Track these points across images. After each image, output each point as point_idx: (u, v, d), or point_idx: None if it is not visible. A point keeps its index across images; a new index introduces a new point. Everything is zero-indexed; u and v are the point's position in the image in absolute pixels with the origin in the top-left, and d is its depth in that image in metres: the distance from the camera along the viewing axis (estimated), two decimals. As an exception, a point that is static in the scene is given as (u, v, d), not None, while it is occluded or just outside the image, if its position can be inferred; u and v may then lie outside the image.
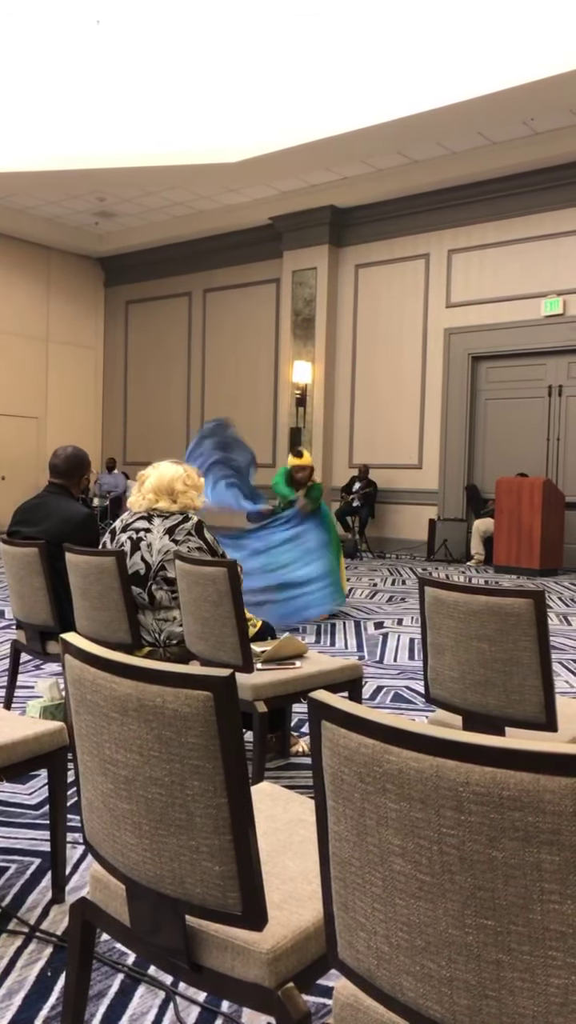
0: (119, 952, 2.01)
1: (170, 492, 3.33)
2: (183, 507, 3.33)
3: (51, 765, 2.26)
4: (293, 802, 1.79)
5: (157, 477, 3.35)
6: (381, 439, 12.69)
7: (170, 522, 3.30)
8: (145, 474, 3.42)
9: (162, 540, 3.26)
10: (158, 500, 3.32)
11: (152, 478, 3.36)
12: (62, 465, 3.80)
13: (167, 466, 3.40)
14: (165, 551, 3.24)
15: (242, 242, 13.92)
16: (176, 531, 3.28)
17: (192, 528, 3.29)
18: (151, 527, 3.30)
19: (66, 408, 15.53)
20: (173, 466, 3.40)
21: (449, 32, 8.57)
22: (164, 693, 1.19)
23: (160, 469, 3.38)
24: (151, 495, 3.33)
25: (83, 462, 3.86)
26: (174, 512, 3.32)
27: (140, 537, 3.29)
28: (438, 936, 0.91)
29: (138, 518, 3.34)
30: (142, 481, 3.40)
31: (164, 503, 3.32)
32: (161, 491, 3.32)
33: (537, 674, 2.26)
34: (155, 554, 3.25)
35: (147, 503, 3.33)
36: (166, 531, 3.28)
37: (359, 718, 0.96)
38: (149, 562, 3.25)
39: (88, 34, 9.84)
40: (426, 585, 2.48)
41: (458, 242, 11.85)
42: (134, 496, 3.40)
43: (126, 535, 3.32)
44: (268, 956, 1.26)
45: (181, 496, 3.33)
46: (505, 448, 11.70)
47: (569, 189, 10.76)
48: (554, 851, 0.81)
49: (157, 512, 3.32)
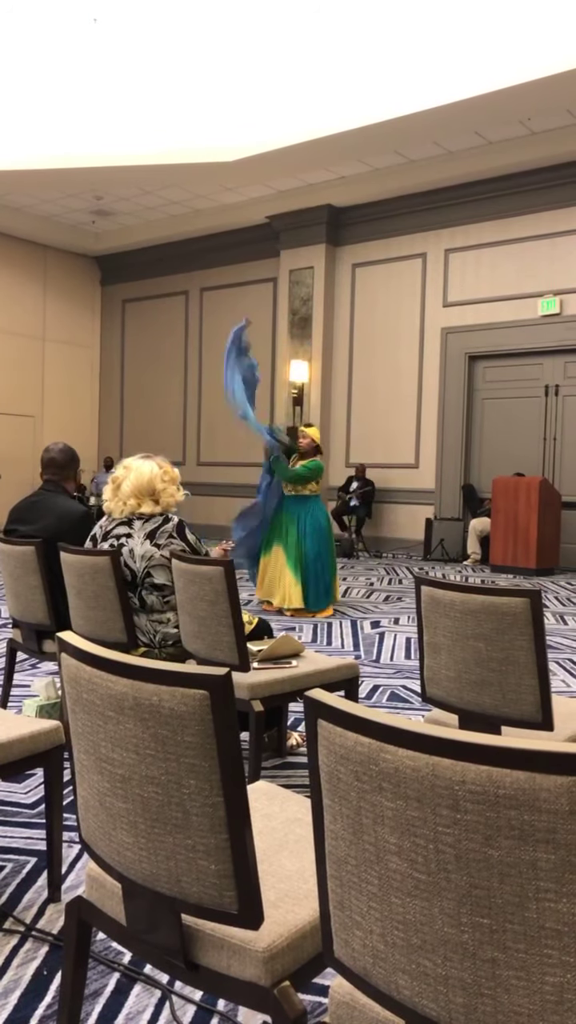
0: (115, 951, 2.01)
1: (151, 492, 3.17)
2: (165, 507, 3.19)
3: (47, 764, 2.26)
4: (289, 801, 1.79)
5: (135, 478, 3.16)
6: (378, 438, 12.70)
7: (150, 525, 3.17)
8: (118, 476, 3.22)
9: (143, 545, 3.14)
10: (140, 504, 3.16)
11: (129, 480, 3.17)
12: (59, 457, 3.79)
13: (141, 463, 3.21)
14: (148, 557, 3.14)
15: (239, 241, 13.92)
16: (157, 534, 3.16)
17: (173, 530, 3.18)
18: (132, 531, 3.18)
19: (62, 407, 15.52)
20: (146, 463, 3.22)
21: (446, 31, 8.57)
22: (160, 692, 1.19)
23: (135, 469, 3.19)
24: (132, 500, 3.16)
25: (75, 455, 3.87)
26: (155, 514, 3.18)
27: (122, 543, 3.17)
28: (434, 934, 0.91)
29: (118, 524, 3.21)
30: (116, 484, 3.21)
31: (147, 506, 3.16)
32: (142, 493, 3.16)
33: (533, 673, 2.26)
34: (138, 560, 3.15)
35: (129, 508, 3.17)
36: (147, 535, 3.16)
37: (355, 717, 0.96)
38: (134, 569, 3.15)
39: (85, 32, 9.83)
40: (422, 584, 2.49)
41: (455, 241, 11.86)
42: (111, 502, 3.22)
43: (107, 543, 3.21)
44: (264, 955, 1.26)
45: (162, 495, 3.18)
46: (502, 448, 11.72)
47: (566, 189, 10.77)
48: (550, 849, 0.81)
49: (138, 515, 3.18)
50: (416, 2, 8.62)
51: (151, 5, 9.62)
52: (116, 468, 3.29)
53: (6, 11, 9.64)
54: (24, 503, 3.84)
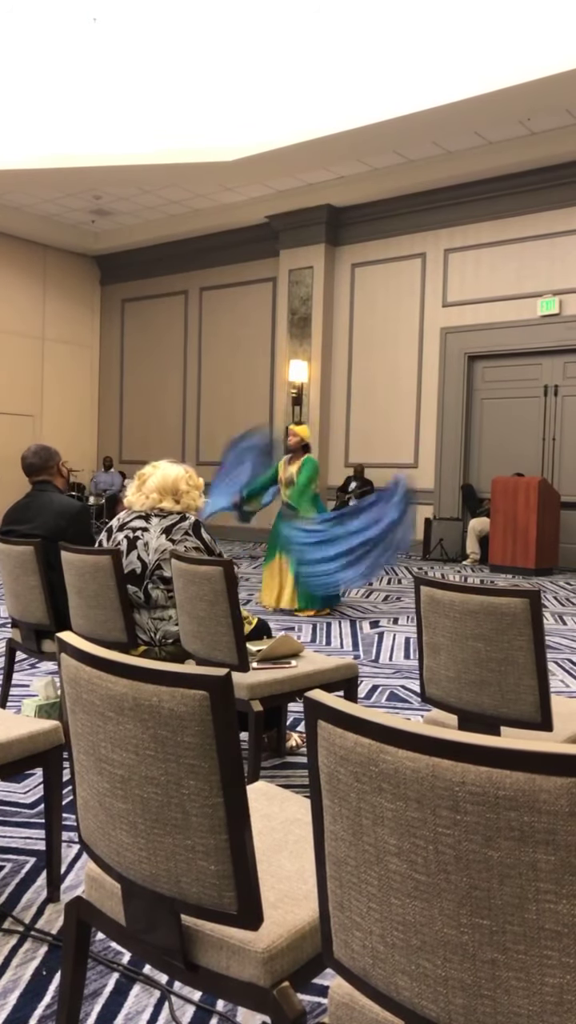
0: (114, 951, 2.01)
1: (174, 492, 3.30)
2: (185, 507, 3.31)
3: (46, 764, 2.26)
4: (289, 801, 1.79)
5: (161, 476, 3.31)
6: (377, 438, 12.70)
7: (167, 521, 3.27)
8: (145, 473, 3.37)
9: (159, 539, 3.23)
10: (162, 500, 3.29)
11: (155, 477, 3.32)
12: (34, 459, 3.81)
13: (169, 466, 3.36)
14: (162, 550, 3.21)
15: (238, 241, 13.92)
16: (173, 530, 3.25)
17: (189, 528, 3.26)
18: (148, 526, 3.27)
19: (62, 406, 15.52)
20: (174, 466, 3.37)
21: (446, 32, 8.57)
22: (160, 692, 1.19)
23: (162, 468, 3.34)
24: (155, 495, 3.29)
25: (50, 450, 3.87)
26: (173, 512, 3.29)
27: (137, 536, 3.26)
28: (434, 935, 0.91)
29: (135, 517, 3.31)
30: (143, 480, 3.36)
31: (168, 503, 3.29)
32: (165, 491, 3.29)
33: (532, 674, 2.26)
34: (152, 553, 3.22)
35: (151, 502, 3.29)
36: (163, 531, 3.25)
37: (355, 717, 0.96)
38: (146, 561, 3.22)
39: (85, 32, 9.82)
40: (422, 584, 2.49)
41: (454, 241, 11.86)
42: (133, 495, 3.36)
43: (123, 534, 3.29)
44: (263, 955, 1.26)
45: (184, 496, 3.31)
46: (501, 448, 11.72)
47: (565, 189, 10.77)
48: (549, 851, 0.81)
49: (156, 511, 3.28)
50: (415, 2, 8.62)
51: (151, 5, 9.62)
52: (146, 467, 3.41)
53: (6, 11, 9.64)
54: (18, 505, 3.84)
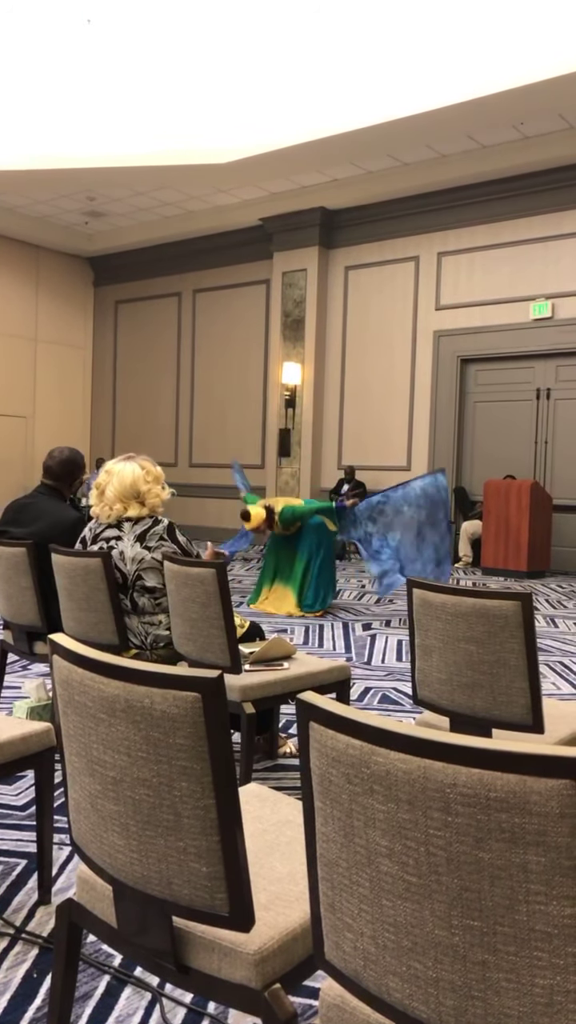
0: (105, 954, 2.01)
1: (136, 495, 3.15)
2: (152, 508, 3.18)
3: (38, 766, 2.25)
4: (281, 803, 1.79)
5: (118, 483, 3.14)
6: (370, 440, 12.71)
7: (140, 527, 3.16)
8: (100, 482, 3.20)
9: (134, 548, 3.14)
10: (126, 508, 3.14)
11: (112, 485, 3.15)
12: (56, 468, 3.78)
13: (123, 467, 3.19)
14: (139, 560, 3.13)
15: (232, 243, 13.92)
16: (147, 536, 3.15)
17: (164, 532, 3.17)
18: (121, 534, 3.16)
19: (54, 408, 15.49)
20: (128, 465, 3.20)
21: (440, 35, 8.59)
22: (152, 694, 1.19)
23: (117, 474, 3.16)
24: (118, 504, 3.14)
25: (78, 465, 3.83)
26: (143, 516, 3.17)
27: (112, 546, 3.16)
28: (425, 937, 0.91)
29: (106, 527, 3.20)
30: (101, 490, 3.18)
31: (133, 509, 3.15)
32: (127, 496, 3.14)
33: (524, 676, 2.27)
34: (129, 563, 3.14)
35: (116, 513, 3.15)
36: (136, 538, 3.15)
37: (347, 719, 0.96)
38: (125, 572, 3.14)
39: (79, 33, 9.81)
40: (414, 587, 2.49)
41: (448, 245, 11.88)
42: (98, 507, 3.20)
43: (96, 546, 3.20)
44: (255, 957, 1.26)
45: (148, 496, 3.16)
46: (493, 451, 11.74)
47: (558, 193, 10.81)
48: (540, 852, 0.82)
49: (126, 518, 3.16)
50: (410, 6, 8.64)
51: (145, 6, 9.62)
52: (99, 474, 3.27)
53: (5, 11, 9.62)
54: (18, 504, 3.83)
